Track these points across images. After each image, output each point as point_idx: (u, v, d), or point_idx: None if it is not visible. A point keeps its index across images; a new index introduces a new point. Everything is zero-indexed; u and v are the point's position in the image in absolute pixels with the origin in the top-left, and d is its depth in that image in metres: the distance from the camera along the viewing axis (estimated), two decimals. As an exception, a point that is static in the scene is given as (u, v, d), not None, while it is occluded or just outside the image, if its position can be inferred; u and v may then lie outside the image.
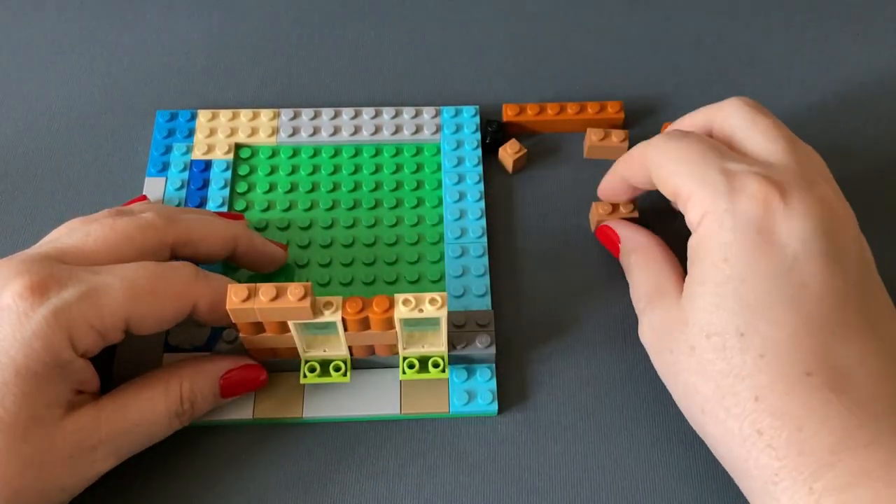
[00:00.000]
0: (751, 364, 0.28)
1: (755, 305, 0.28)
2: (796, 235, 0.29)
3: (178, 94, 0.45)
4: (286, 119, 0.43)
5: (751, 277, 0.29)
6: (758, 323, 0.28)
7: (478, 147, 0.42)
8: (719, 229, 0.30)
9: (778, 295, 0.28)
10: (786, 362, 0.28)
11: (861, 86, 0.46)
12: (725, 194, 0.30)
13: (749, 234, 0.29)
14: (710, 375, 0.29)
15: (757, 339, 0.28)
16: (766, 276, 0.29)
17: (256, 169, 0.41)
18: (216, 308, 0.31)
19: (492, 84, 0.46)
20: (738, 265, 0.29)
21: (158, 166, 0.41)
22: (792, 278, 0.28)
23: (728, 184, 0.30)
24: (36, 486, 0.28)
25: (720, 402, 0.29)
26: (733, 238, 0.29)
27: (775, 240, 0.29)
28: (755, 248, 0.29)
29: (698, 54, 0.47)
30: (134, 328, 0.30)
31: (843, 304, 0.28)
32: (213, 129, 0.42)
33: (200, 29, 0.48)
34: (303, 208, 0.40)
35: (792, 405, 0.27)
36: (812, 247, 0.29)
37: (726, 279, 0.29)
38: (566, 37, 0.48)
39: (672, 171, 0.32)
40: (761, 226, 0.29)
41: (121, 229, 0.32)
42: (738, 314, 0.29)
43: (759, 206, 0.29)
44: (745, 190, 0.30)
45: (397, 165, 0.41)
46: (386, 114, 0.43)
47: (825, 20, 0.49)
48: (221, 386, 0.33)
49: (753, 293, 0.28)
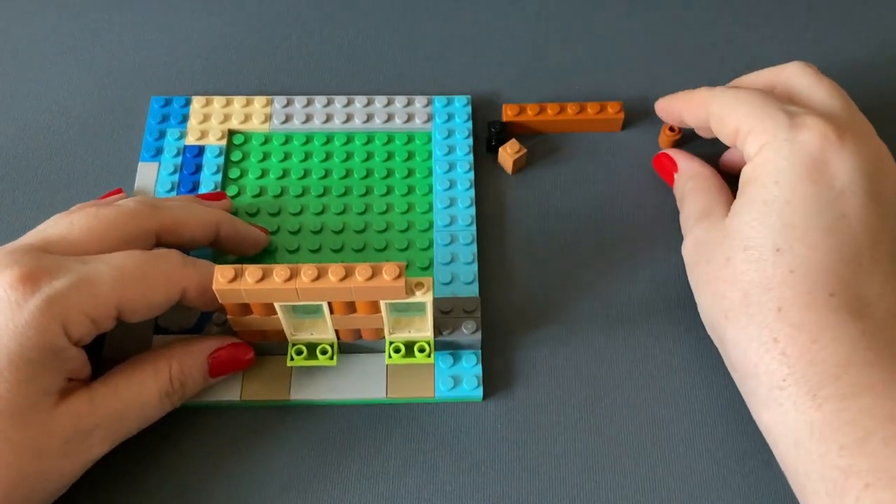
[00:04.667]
0: (780, 277, 0.30)
1: (795, 225, 0.31)
2: (846, 171, 0.31)
3: (176, 87, 0.45)
4: (279, 106, 0.43)
5: (796, 200, 0.31)
6: (794, 242, 0.31)
7: (469, 136, 0.42)
8: (775, 156, 0.32)
9: (818, 220, 0.31)
10: (812, 281, 0.30)
11: (862, 85, 0.46)
12: (787, 127, 0.32)
13: (803, 162, 0.31)
14: (740, 285, 0.31)
15: (790, 256, 0.31)
16: (810, 202, 0.31)
17: (249, 155, 0.42)
18: (204, 293, 0.32)
19: (491, 84, 0.46)
20: (787, 188, 0.31)
21: (152, 151, 0.41)
22: (834, 208, 0.31)
23: (790, 120, 0.32)
24: (35, 472, 0.29)
25: (745, 308, 0.31)
26: (788, 164, 0.32)
27: (826, 171, 0.31)
28: (807, 175, 0.31)
29: (698, 54, 0.47)
30: (125, 315, 0.31)
31: (875, 241, 0.31)
32: (206, 115, 0.42)
33: (199, 21, 0.48)
34: (294, 194, 0.40)
35: (810, 319, 0.30)
36: (858, 185, 0.31)
37: (773, 199, 0.31)
38: (566, 37, 0.48)
39: (735, 112, 0.34)
40: (816, 157, 0.31)
41: (104, 217, 0.32)
42: (778, 231, 0.31)
43: (816, 140, 0.32)
44: (805, 125, 0.32)
45: (388, 153, 0.42)
46: (378, 102, 0.43)
47: (825, 20, 0.49)
48: (210, 365, 0.33)
49: (796, 214, 0.31)
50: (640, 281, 0.39)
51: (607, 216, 0.41)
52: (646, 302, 0.38)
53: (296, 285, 0.30)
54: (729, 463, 0.34)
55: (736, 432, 0.35)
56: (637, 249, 0.40)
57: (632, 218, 0.41)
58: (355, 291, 0.31)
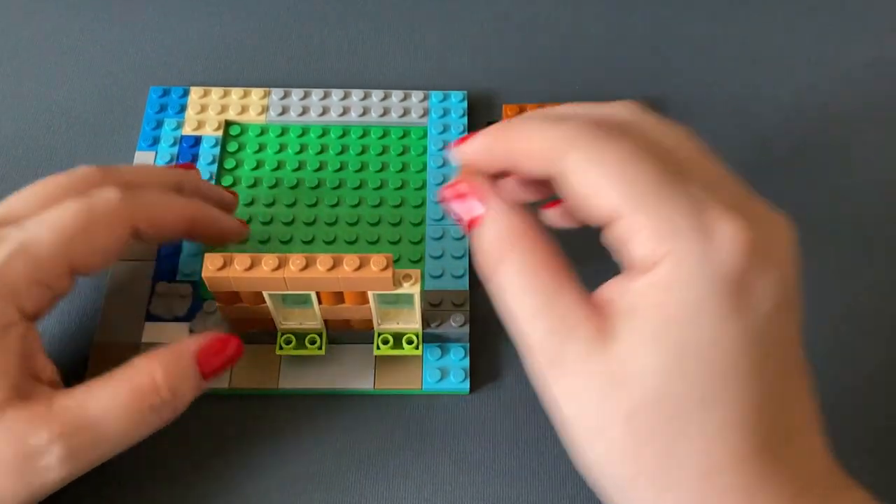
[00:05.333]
0: (710, 435, 0.23)
1: (725, 371, 0.23)
2: (770, 291, 0.24)
3: (175, 82, 0.46)
4: (276, 98, 0.43)
5: (725, 340, 0.23)
6: (721, 392, 0.23)
7: (464, 132, 0.42)
8: (687, 281, 0.23)
9: (747, 360, 0.23)
10: (742, 433, 0.23)
11: (863, 85, 0.46)
12: (696, 230, 0.23)
13: (726, 290, 0.23)
14: (653, 446, 0.23)
15: (719, 407, 0.23)
16: (740, 339, 0.23)
17: (245, 146, 0.42)
18: (156, 223, 0.30)
19: (491, 83, 0.46)
20: (710, 326, 0.23)
21: (149, 140, 0.42)
22: (764, 341, 0.24)
23: (698, 217, 0.24)
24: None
25: (654, 480, 0.24)
26: (707, 294, 0.23)
27: (752, 296, 0.23)
28: (732, 307, 0.23)
29: (698, 54, 0.47)
30: (82, 269, 0.29)
31: (793, 367, 0.25)
32: (204, 105, 0.43)
33: (199, 16, 0.48)
34: (288, 186, 0.41)
35: (740, 481, 0.23)
36: (783, 305, 0.24)
37: (696, 341, 0.23)
38: (566, 37, 0.48)
39: (612, 186, 0.24)
40: (740, 280, 0.23)
41: (82, 217, 0.29)
42: (700, 381, 0.23)
43: (740, 257, 0.23)
44: (723, 232, 0.23)
45: (384, 147, 0.42)
46: (375, 96, 0.43)
47: (825, 20, 0.49)
48: (199, 363, 0.29)
49: (725, 358, 0.23)
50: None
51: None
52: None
53: (284, 274, 0.30)
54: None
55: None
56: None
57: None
58: (343, 282, 0.31)
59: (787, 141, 0.44)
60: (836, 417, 0.27)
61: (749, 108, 0.45)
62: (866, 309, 0.38)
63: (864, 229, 0.30)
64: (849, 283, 0.39)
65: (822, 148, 0.33)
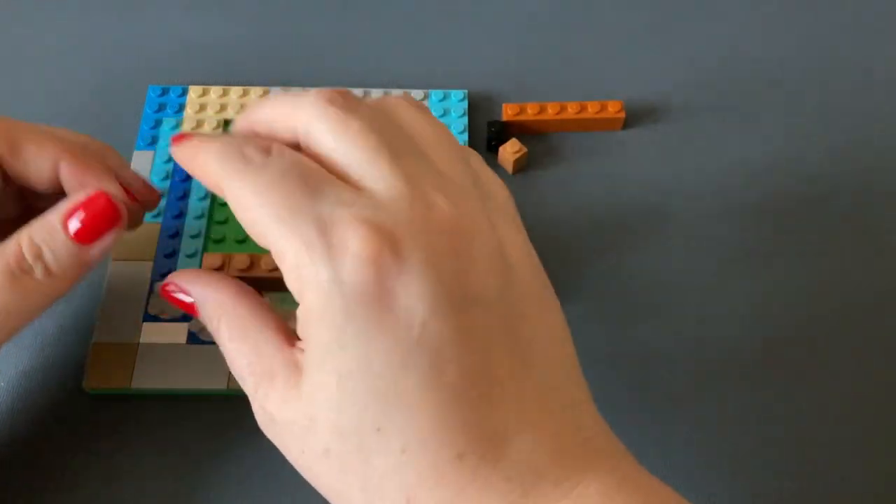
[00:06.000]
0: (394, 462, 0.23)
1: (387, 392, 0.23)
2: (418, 294, 0.23)
3: (175, 81, 0.45)
4: (276, 97, 0.43)
5: (378, 360, 0.23)
6: (394, 413, 0.23)
7: (464, 131, 0.42)
8: (326, 308, 0.23)
9: (412, 373, 0.23)
10: (432, 451, 0.23)
11: (863, 86, 0.46)
12: (324, 257, 0.23)
13: (364, 307, 0.23)
14: (354, 480, 0.23)
15: (395, 432, 0.23)
16: (394, 354, 0.23)
17: (244, 145, 0.42)
18: (15, 145, 0.29)
19: (492, 83, 0.46)
20: (360, 350, 0.23)
21: (148, 140, 0.42)
22: (424, 348, 0.23)
23: (324, 240, 0.23)
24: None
25: (365, 498, 0.24)
26: (346, 318, 0.23)
27: (397, 305, 0.23)
28: (376, 323, 0.23)
29: (698, 54, 0.47)
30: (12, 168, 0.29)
31: (487, 359, 0.23)
32: (203, 104, 0.43)
33: (198, 15, 0.48)
34: (288, 185, 0.40)
35: (447, 495, 0.23)
36: (439, 302, 0.23)
37: (350, 370, 0.23)
38: (566, 36, 0.48)
39: (256, 208, 0.24)
40: (376, 293, 0.23)
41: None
42: (369, 407, 0.23)
43: (368, 270, 0.23)
44: (347, 248, 0.23)
45: (383, 147, 0.42)
46: (374, 94, 0.43)
47: (825, 20, 0.49)
48: (65, 224, 0.28)
49: (383, 379, 0.23)
50: (639, 280, 0.39)
51: (607, 216, 0.41)
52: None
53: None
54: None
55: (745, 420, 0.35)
56: (636, 249, 0.40)
57: (631, 217, 0.41)
58: None
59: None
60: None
61: (747, 108, 0.45)
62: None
63: (860, 230, 0.31)
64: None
65: (823, 148, 0.33)
